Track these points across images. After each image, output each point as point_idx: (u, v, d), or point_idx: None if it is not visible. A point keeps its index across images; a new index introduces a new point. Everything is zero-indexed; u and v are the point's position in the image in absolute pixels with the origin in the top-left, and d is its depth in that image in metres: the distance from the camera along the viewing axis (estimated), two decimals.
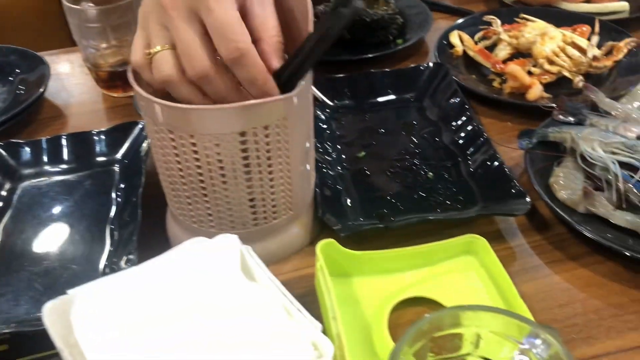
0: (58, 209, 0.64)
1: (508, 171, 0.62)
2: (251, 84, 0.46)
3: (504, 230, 0.60)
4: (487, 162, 0.65)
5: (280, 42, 0.46)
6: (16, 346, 0.50)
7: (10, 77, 0.86)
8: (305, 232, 0.60)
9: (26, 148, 0.70)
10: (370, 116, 0.77)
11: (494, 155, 0.65)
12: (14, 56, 0.88)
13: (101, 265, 0.57)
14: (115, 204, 0.64)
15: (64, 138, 0.71)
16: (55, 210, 0.64)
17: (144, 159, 0.66)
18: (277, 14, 0.48)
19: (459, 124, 0.72)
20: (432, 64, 0.81)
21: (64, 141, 0.71)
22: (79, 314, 0.41)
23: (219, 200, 0.52)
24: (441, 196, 0.63)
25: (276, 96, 0.47)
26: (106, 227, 0.61)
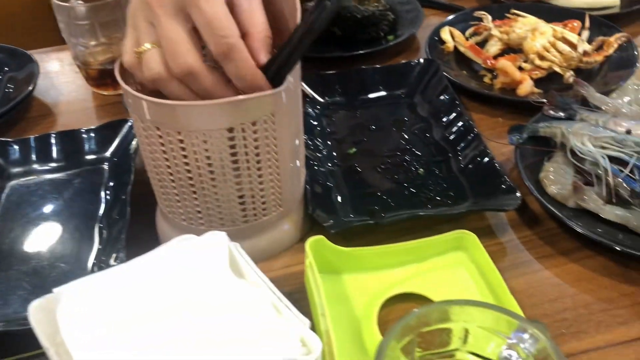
0: (47, 208, 0.64)
1: (498, 166, 0.62)
2: (240, 79, 0.45)
3: (495, 226, 0.60)
4: (478, 158, 0.65)
5: (268, 37, 0.46)
6: (4, 346, 0.49)
7: None
8: (296, 228, 0.59)
9: (15, 146, 0.69)
10: (361, 112, 0.77)
11: (485, 151, 0.65)
12: (2, 54, 0.88)
13: (90, 263, 0.57)
14: (105, 202, 0.64)
15: (52, 136, 0.70)
16: (44, 209, 0.64)
17: (133, 156, 0.66)
18: (266, 9, 0.47)
19: (449, 120, 0.72)
20: (422, 60, 0.80)
21: (52, 139, 0.70)
22: (65, 312, 0.41)
23: (207, 197, 0.52)
24: (432, 192, 0.63)
25: (264, 91, 0.47)
26: (95, 226, 0.61)
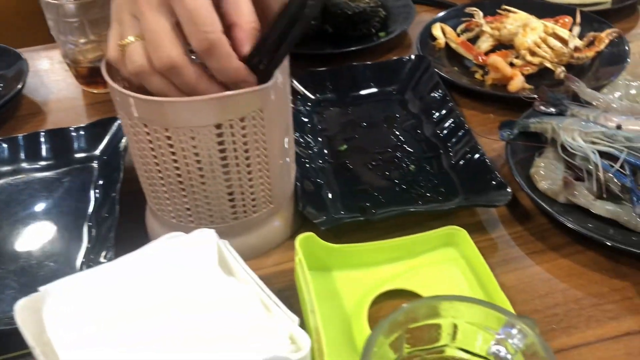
0: (36, 207, 0.63)
1: (489, 162, 0.62)
2: (223, 74, 0.45)
3: (485, 222, 0.59)
4: (468, 154, 0.65)
5: (254, 29, 0.45)
6: None
7: None
8: (286, 225, 0.59)
9: (3, 145, 0.69)
10: (352, 109, 0.77)
11: (475, 147, 0.64)
12: None
13: (78, 262, 0.56)
14: (94, 201, 0.63)
15: (41, 135, 0.70)
16: (32, 207, 0.63)
17: (123, 154, 0.65)
18: (254, 3, 0.47)
19: (440, 116, 0.72)
20: (414, 56, 0.80)
21: (42, 138, 0.70)
22: (51, 311, 0.40)
23: (196, 194, 0.52)
24: (422, 188, 0.63)
25: (252, 86, 0.46)
26: (84, 224, 0.60)
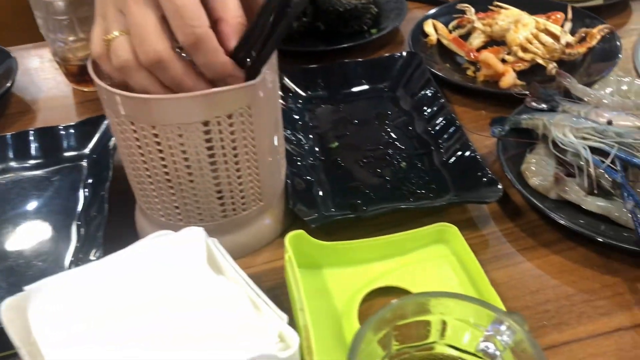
0: (24, 206, 0.63)
1: (480, 159, 0.62)
2: (209, 69, 0.44)
3: (477, 218, 0.59)
4: (460, 151, 0.64)
5: (241, 24, 0.45)
6: None
7: None
8: (277, 223, 0.59)
9: None
10: (343, 106, 0.76)
11: (466, 144, 0.64)
12: None
13: (67, 261, 0.56)
14: (83, 200, 0.63)
15: (30, 133, 0.69)
16: (21, 206, 0.63)
17: (112, 153, 0.65)
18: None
19: (431, 113, 0.71)
20: (405, 53, 0.80)
21: (30, 136, 0.69)
22: (37, 310, 0.40)
23: (185, 192, 0.51)
24: (414, 185, 0.63)
25: (239, 82, 0.46)
26: (73, 223, 0.60)
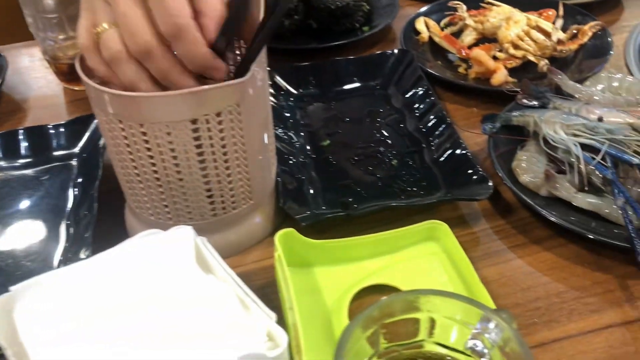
0: (14, 205, 0.62)
1: (471, 156, 0.61)
2: (190, 60, 0.44)
3: (467, 216, 0.59)
4: (451, 148, 0.64)
5: (221, 17, 0.44)
6: None
7: None
8: (267, 222, 0.58)
9: None
10: (335, 104, 0.76)
11: (457, 141, 0.64)
12: None
13: (56, 261, 0.55)
14: (73, 199, 0.62)
15: (20, 132, 0.69)
16: (10, 206, 0.62)
17: (102, 152, 0.64)
18: None
19: (423, 110, 0.71)
20: (397, 50, 0.80)
21: (20, 135, 0.69)
22: (23, 310, 0.40)
23: (174, 191, 0.51)
24: (405, 183, 0.63)
25: (220, 73, 0.46)
26: (62, 223, 0.60)
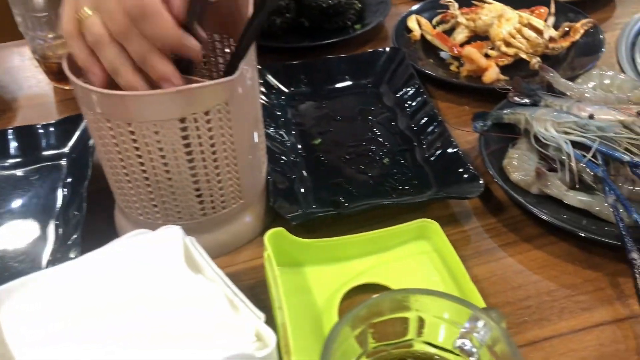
0: (2, 205, 0.62)
1: (462, 155, 0.61)
2: (161, 40, 0.43)
3: (458, 214, 0.59)
4: (442, 147, 0.64)
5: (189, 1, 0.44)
6: None
7: None
8: (258, 221, 0.58)
9: None
10: (327, 103, 0.76)
11: (449, 140, 0.64)
12: None
13: (44, 261, 0.55)
14: (62, 199, 0.62)
15: (9, 132, 0.68)
16: None
17: (92, 151, 0.64)
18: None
19: (414, 109, 0.71)
20: (388, 49, 0.79)
21: (9, 135, 0.68)
22: (10, 310, 0.40)
23: (162, 190, 0.50)
24: (396, 181, 0.63)
25: (194, 52, 0.45)
26: (51, 222, 0.59)
